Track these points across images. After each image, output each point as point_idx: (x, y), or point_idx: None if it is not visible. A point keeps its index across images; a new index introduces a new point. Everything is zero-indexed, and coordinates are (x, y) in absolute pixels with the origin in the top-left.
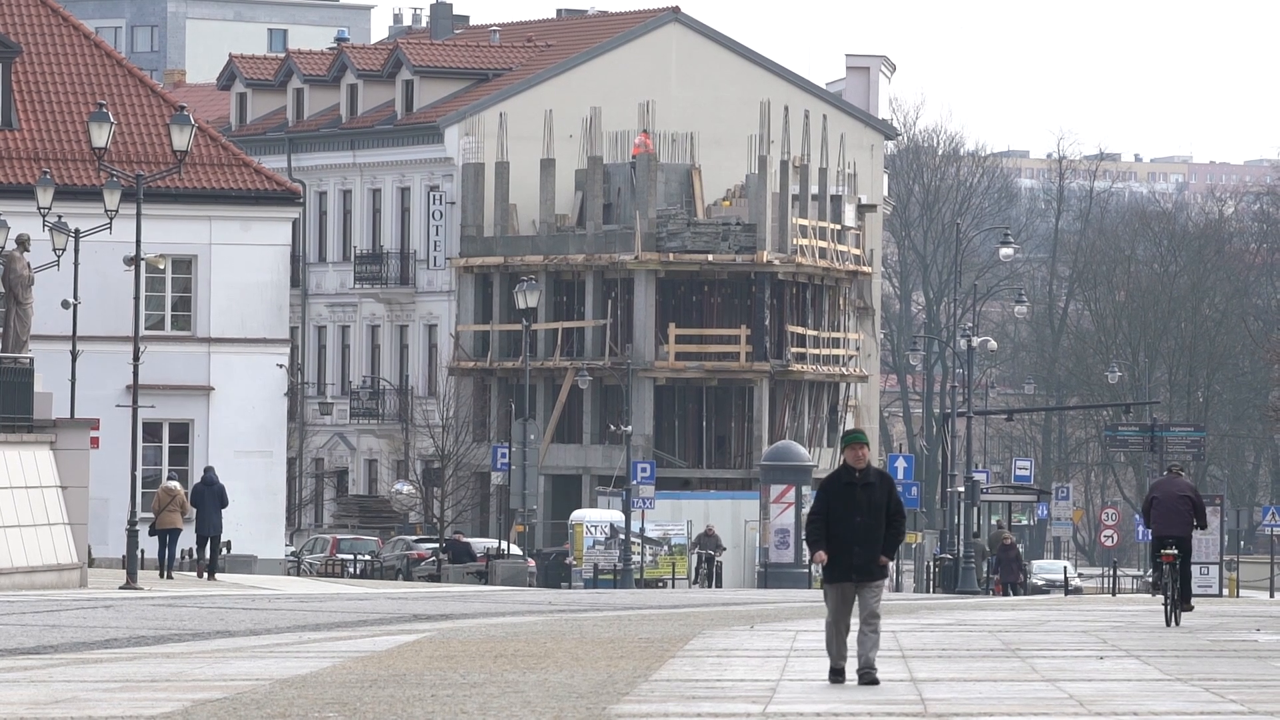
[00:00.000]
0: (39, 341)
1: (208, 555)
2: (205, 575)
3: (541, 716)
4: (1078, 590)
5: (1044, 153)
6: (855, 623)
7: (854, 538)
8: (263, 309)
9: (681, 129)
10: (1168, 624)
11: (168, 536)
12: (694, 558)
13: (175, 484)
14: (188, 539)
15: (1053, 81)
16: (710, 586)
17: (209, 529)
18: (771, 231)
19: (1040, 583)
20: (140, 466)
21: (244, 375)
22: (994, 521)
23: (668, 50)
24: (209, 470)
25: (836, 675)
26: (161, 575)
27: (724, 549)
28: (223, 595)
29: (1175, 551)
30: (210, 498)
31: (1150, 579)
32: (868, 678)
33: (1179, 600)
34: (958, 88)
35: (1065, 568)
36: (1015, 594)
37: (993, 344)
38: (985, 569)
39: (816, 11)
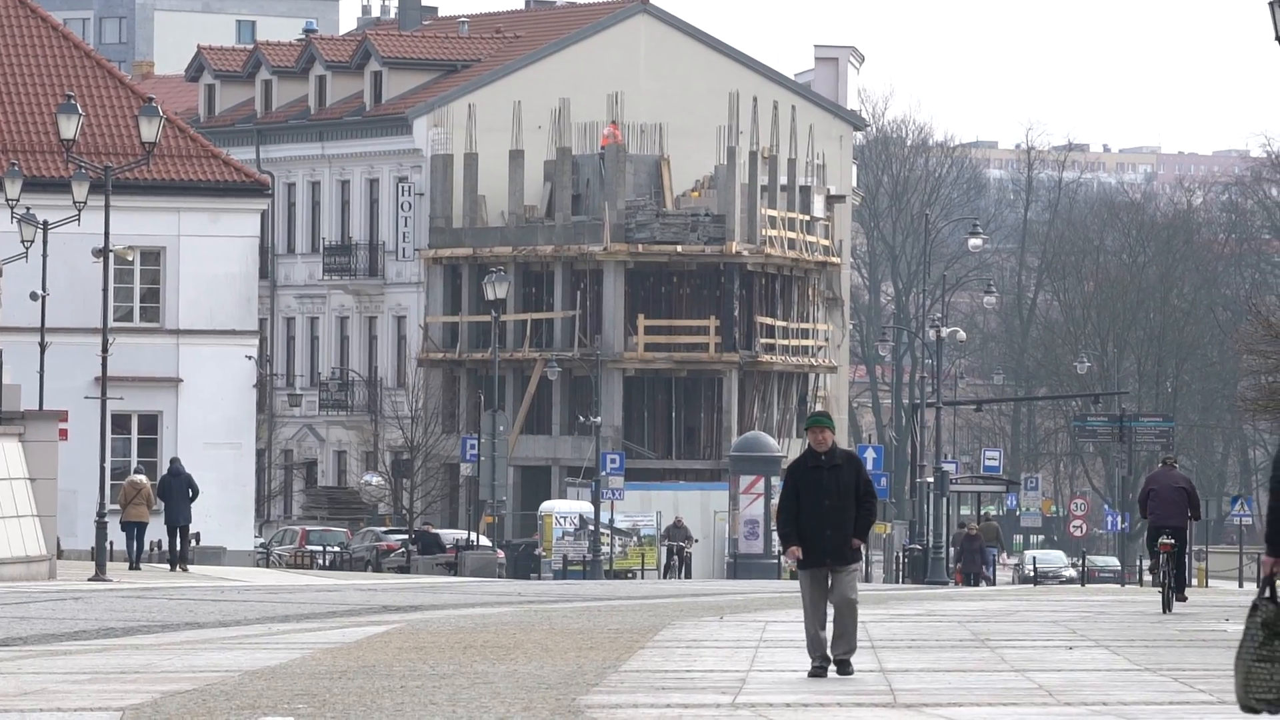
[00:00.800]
0: (7, 333)
1: (178, 546)
2: (178, 567)
3: (511, 707)
4: (1072, 580)
5: (1012, 143)
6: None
7: (824, 521)
8: (231, 301)
9: (650, 120)
10: (1164, 610)
11: (135, 529)
12: (663, 550)
13: (142, 477)
14: (155, 531)
15: (1021, 72)
16: (680, 578)
17: (178, 519)
18: (740, 222)
19: (1032, 573)
20: (109, 458)
21: (213, 367)
22: (985, 513)
23: (636, 41)
24: (175, 461)
25: (818, 674)
26: (131, 567)
27: (695, 540)
28: (191, 587)
29: (1173, 541)
30: (178, 488)
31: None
32: (845, 669)
33: (1176, 588)
34: (926, 78)
35: (1062, 556)
36: (977, 585)
37: (962, 334)
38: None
39: (785, 2)
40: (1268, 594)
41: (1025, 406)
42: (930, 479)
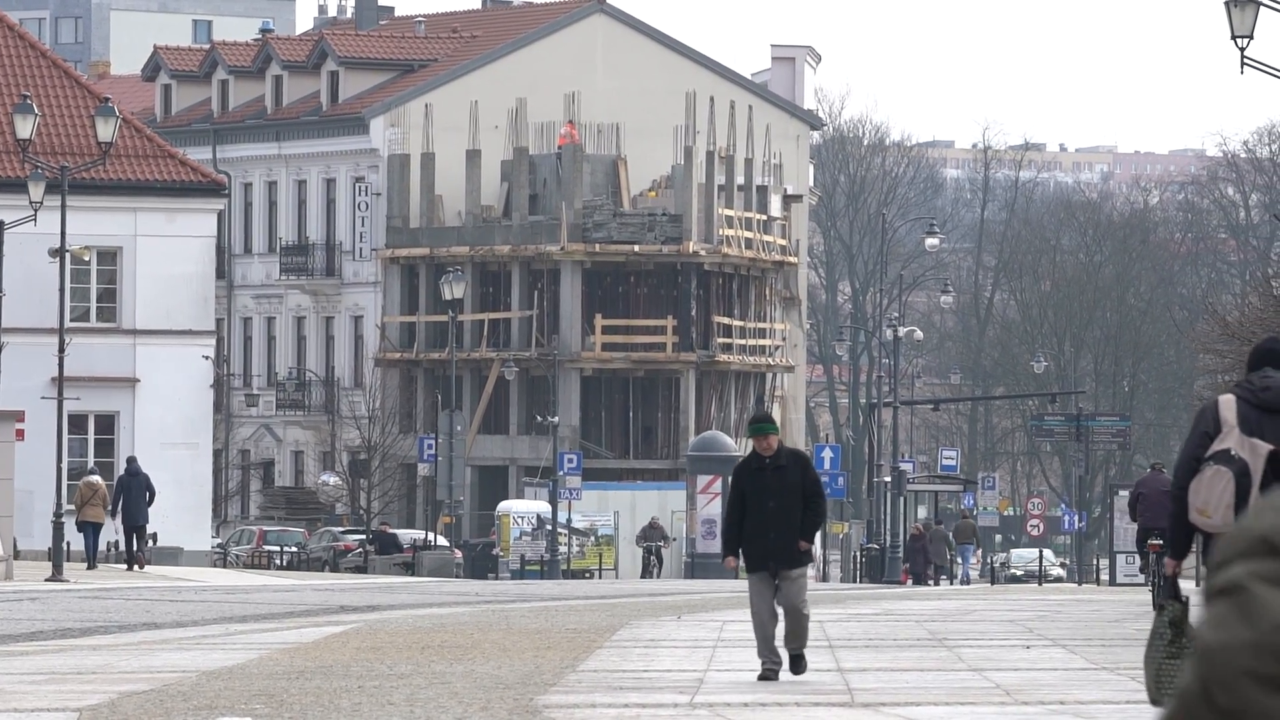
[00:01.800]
0: None
1: (134, 546)
2: (135, 566)
3: (469, 708)
4: (1059, 579)
5: (969, 143)
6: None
7: (768, 524)
8: (188, 300)
9: (607, 120)
10: (1154, 607)
11: (90, 529)
12: (642, 551)
13: (97, 477)
14: (111, 531)
15: (978, 72)
16: (657, 578)
17: (136, 519)
18: (697, 222)
19: (1019, 572)
20: (66, 459)
21: (169, 367)
22: (961, 510)
23: (593, 41)
24: (132, 461)
25: (768, 677)
26: (88, 568)
27: (673, 539)
28: (149, 587)
29: (1161, 542)
30: (135, 488)
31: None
32: (798, 665)
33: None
34: (883, 78)
35: (1042, 554)
36: (923, 584)
37: (919, 334)
38: (947, 556)
39: (742, 2)
40: (1174, 595)
41: (982, 406)
42: (888, 478)
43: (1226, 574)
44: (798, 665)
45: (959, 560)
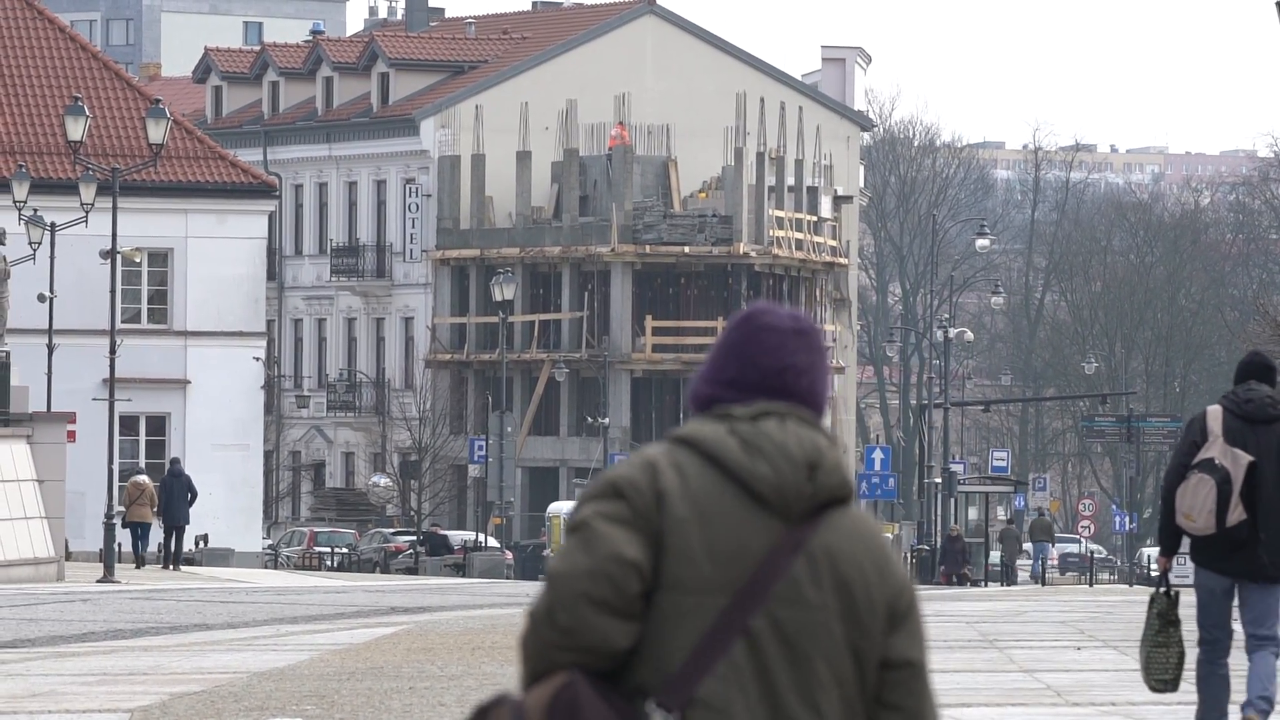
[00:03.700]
0: (15, 335)
1: (173, 546)
2: (170, 566)
3: None
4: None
5: (1020, 144)
6: None
7: None
8: (239, 302)
9: (657, 121)
10: None
11: (138, 529)
12: None
13: (144, 478)
14: (159, 531)
15: (1029, 72)
16: None
17: (176, 519)
18: (748, 223)
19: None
20: (117, 460)
21: (220, 368)
22: (1037, 509)
23: (643, 42)
24: (175, 462)
25: None
26: (136, 567)
27: None
28: (200, 588)
29: None
30: (178, 489)
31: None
32: None
33: None
34: (933, 79)
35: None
36: (961, 586)
37: (969, 335)
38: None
39: (792, 3)
40: (1163, 589)
41: (1033, 407)
42: (938, 480)
43: (578, 513)
44: None
45: (1039, 558)
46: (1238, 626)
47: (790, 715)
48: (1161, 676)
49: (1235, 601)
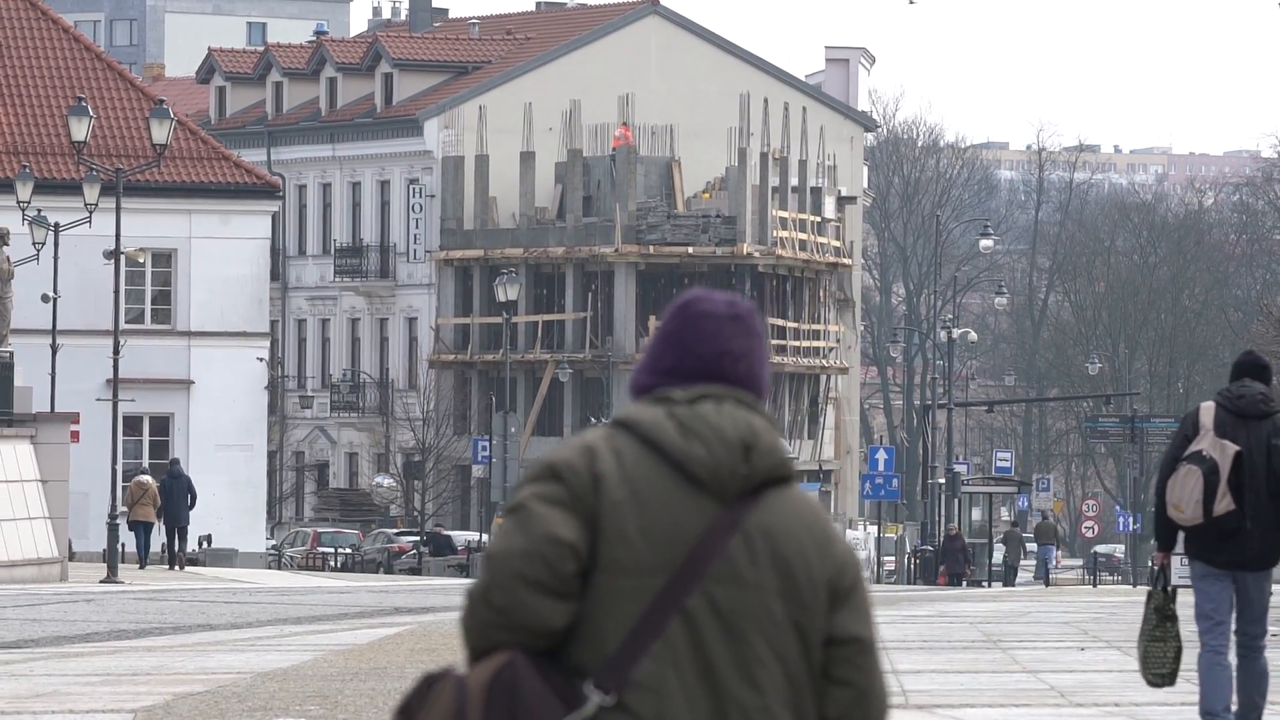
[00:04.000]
0: (18, 335)
1: (175, 547)
2: (173, 566)
3: None
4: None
5: (1023, 144)
6: None
7: None
8: (242, 302)
9: (661, 121)
10: None
11: (141, 529)
12: None
13: (147, 477)
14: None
15: (1032, 73)
16: None
17: (176, 520)
18: (751, 224)
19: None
20: (120, 460)
21: (224, 369)
22: (1040, 510)
23: (647, 43)
24: (175, 463)
25: None
26: (139, 567)
27: None
28: (203, 589)
29: None
30: (177, 490)
31: None
32: None
33: None
34: (937, 79)
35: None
36: (960, 585)
37: (973, 336)
38: (1012, 558)
39: (795, 3)
40: (1160, 584)
41: (1037, 407)
42: (942, 480)
43: (517, 495)
44: None
45: (1044, 561)
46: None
47: (728, 692)
48: (1158, 670)
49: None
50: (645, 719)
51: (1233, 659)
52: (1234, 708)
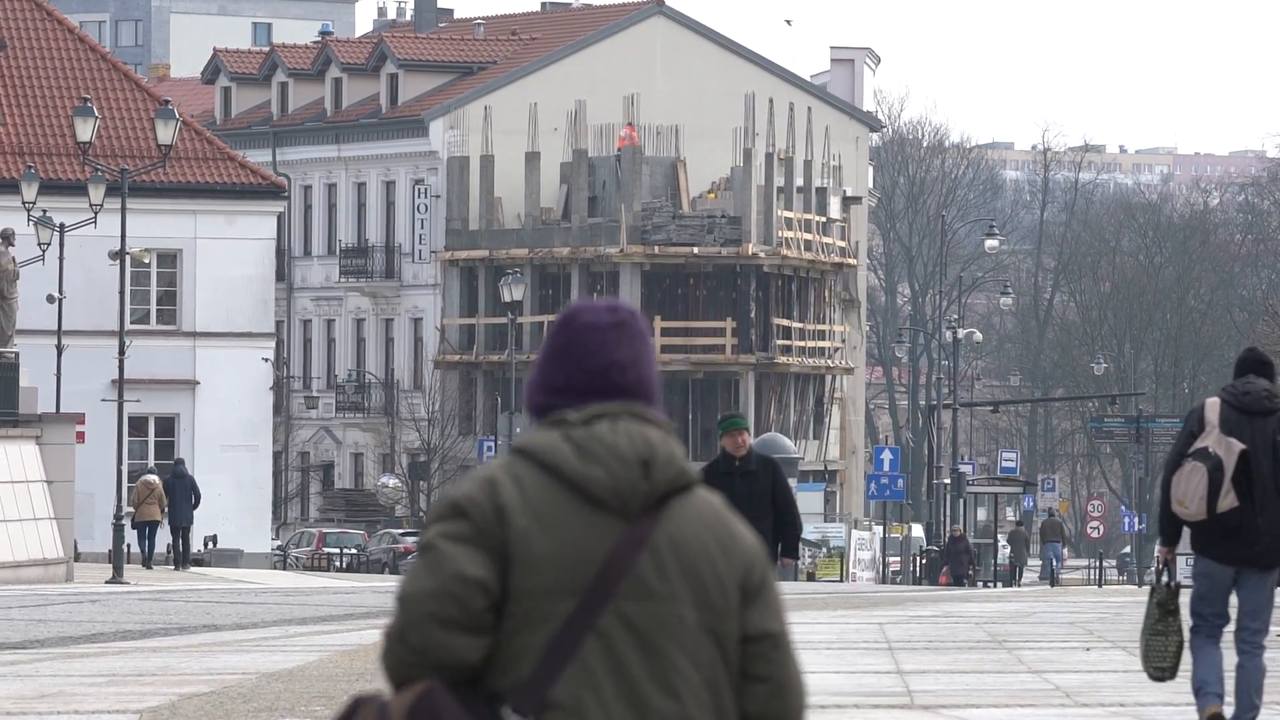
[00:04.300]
0: (24, 336)
1: (180, 547)
2: (178, 566)
3: None
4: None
5: (1029, 144)
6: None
7: None
8: (248, 303)
9: (666, 122)
10: None
11: (146, 528)
12: None
13: (154, 477)
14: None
15: (1037, 73)
16: None
17: (181, 520)
18: (757, 224)
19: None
20: (126, 461)
21: (229, 369)
22: (1046, 510)
23: (652, 43)
24: (179, 463)
25: None
26: (144, 566)
27: None
28: (208, 589)
29: None
30: (181, 490)
31: None
32: None
33: None
34: (942, 80)
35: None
36: (963, 587)
37: (978, 336)
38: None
39: (801, 4)
40: (1164, 579)
41: (1042, 408)
42: (947, 480)
43: (425, 535)
44: None
45: (1052, 559)
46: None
47: (649, 704)
48: (1159, 664)
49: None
50: None
51: (1229, 654)
52: (1229, 698)
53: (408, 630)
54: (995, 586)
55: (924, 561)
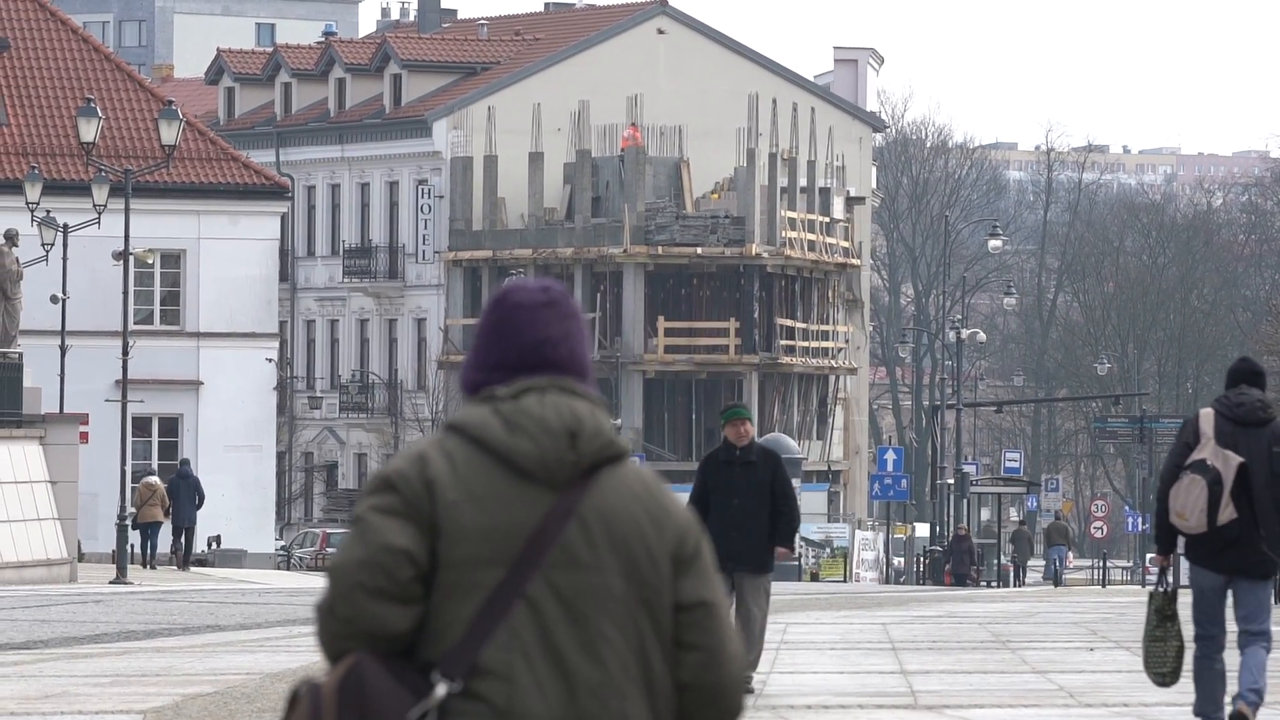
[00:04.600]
0: (28, 336)
1: (182, 547)
2: (181, 566)
3: None
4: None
5: (1032, 144)
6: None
7: (731, 522)
8: (251, 303)
9: (670, 122)
10: None
11: (148, 529)
12: None
13: (155, 479)
14: (170, 531)
15: (1041, 73)
16: None
17: (184, 520)
18: (760, 224)
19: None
20: (130, 461)
21: (233, 370)
22: (1050, 511)
23: (655, 43)
24: (184, 463)
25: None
26: (144, 567)
27: None
28: (212, 589)
29: None
30: (185, 490)
31: None
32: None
33: None
34: (946, 80)
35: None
36: (966, 587)
37: (982, 336)
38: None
39: (804, 4)
40: (1160, 585)
41: (1045, 408)
42: (951, 481)
43: (355, 509)
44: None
45: (1055, 560)
46: (1233, 626)
47: (576, 672)
48: (1160, 669)
49: (1229, 600)
50: (495, 704)
51: (1230, 658)
52: (1227, 708)
53: (337, 601)
54: (997, 586)
55: (927, 561)
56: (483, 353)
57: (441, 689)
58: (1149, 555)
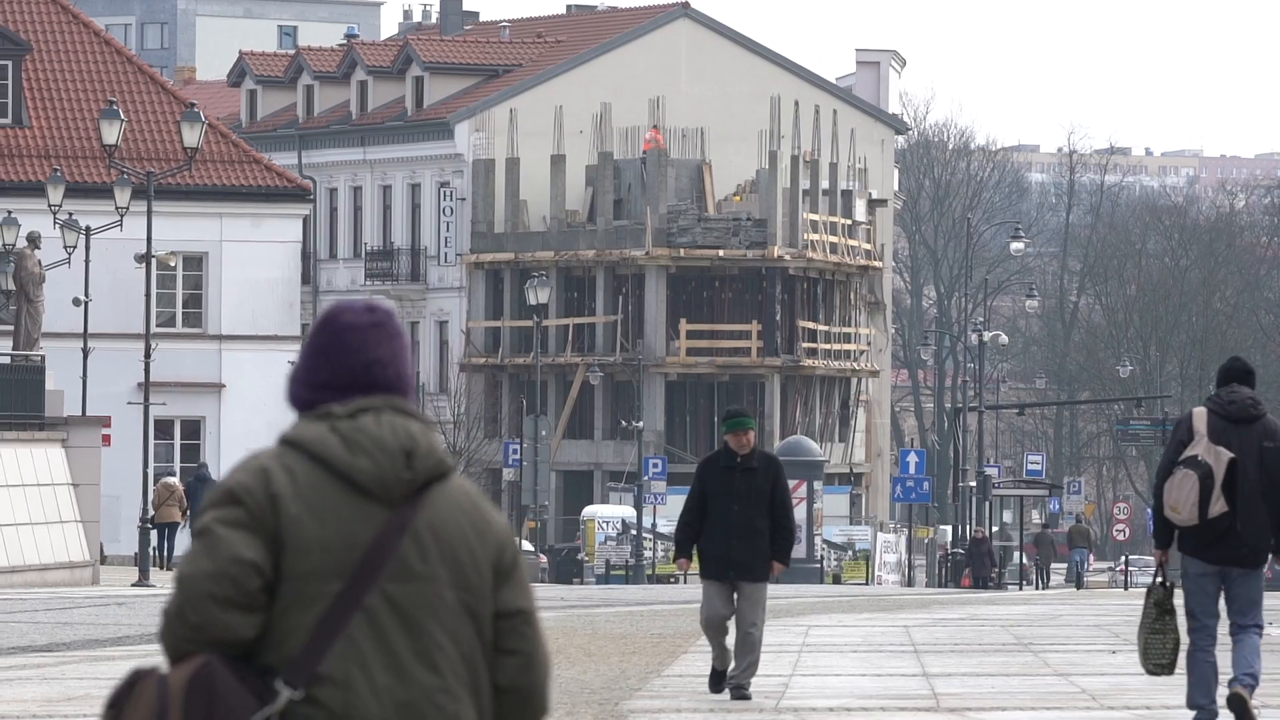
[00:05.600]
0: (50, 339)
1: None
2: None
3: (554, 713)
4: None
5: (1054, 147)
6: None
7: (730, 530)
8: (274, 306)
9: (692, 124)
10: None
11: (166, 530)
12: None
13: (174, 480)
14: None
15: (1063, 75)
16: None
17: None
18: (782, 226)
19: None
20: (152, 464)
21: (255, 372)
22: (1072, 513)
23: (677, 46)
24: (203, 466)
25: (717, 679)
26: (162, 568)
27: None
28: None
29: None
30: (203, 493)
31: None
32: (739, 694)
33: None
34: (968, 82)
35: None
36: (986, 589)
37: (1004, 338)
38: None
39: (826, 6)
40: (1159, 580)
41: (1067, 410)
42: (973, 483)
43: (201, 520)
44: (739, 693)
45: (1078, 563)
46: (1224, 621)
47: (412, 678)
48: (1158, 661)
49: (1222, 594)
50: (333, 710)
51: (1220, 652)
52: (1219, 700)
53: (186, 608)
54: (1021, 588)
55: (949, 564)
56: (312, 371)
57: (285, 695)
58: (1128, 556)
